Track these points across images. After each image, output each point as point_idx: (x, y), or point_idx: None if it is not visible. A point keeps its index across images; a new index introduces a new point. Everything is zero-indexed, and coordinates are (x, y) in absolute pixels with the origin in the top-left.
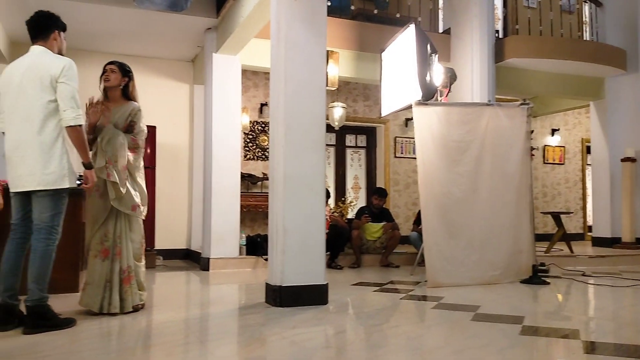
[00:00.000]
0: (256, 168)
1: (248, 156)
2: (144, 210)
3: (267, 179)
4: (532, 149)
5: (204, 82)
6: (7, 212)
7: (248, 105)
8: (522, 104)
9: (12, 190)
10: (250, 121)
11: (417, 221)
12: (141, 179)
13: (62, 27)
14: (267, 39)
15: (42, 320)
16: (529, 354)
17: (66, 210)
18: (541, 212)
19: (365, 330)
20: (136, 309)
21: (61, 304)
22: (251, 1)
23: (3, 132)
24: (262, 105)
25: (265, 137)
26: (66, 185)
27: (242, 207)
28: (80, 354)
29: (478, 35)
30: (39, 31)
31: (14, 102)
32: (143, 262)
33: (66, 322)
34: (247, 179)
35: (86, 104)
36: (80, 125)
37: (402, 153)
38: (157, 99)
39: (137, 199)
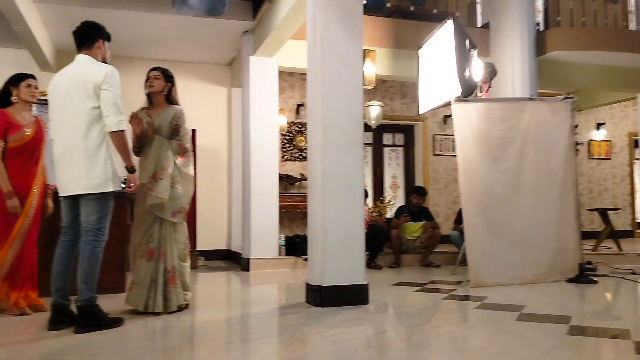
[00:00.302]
0: (294, 169)
1: (285, 157)
2: (185, 214)
3: (304, 179)
4: (577, 144)
5: (241, 85)
6: (57, 216)
7: (285, 107)
8: (565, 98)
9: (60, 194)
10: (287, 122)
11: (458, 220)
12: (189, 183)
13: (106, 37)
14: (303, 40)
15: (92, 319)
16: (577, 355)
17: (112, 213)
18: (587, 209)
19: (407, 330)
20: (180, 309)
21: (109, 304)
22: (287, 3)
23: (52, 139)
24: (299, 106)
25: (302, 138)
26: (110, 189)
27: (280, 207)
28: (129, 352)
29: (518, 29)
30: (83, 40)
31: (61, 110)
32: (188, 263)
33: (114, 322)
34: (285, 180)
35: (129, 119)
36: (122, 131)
37: (441, 151)
38: (196, 103)
39: (180, 204)
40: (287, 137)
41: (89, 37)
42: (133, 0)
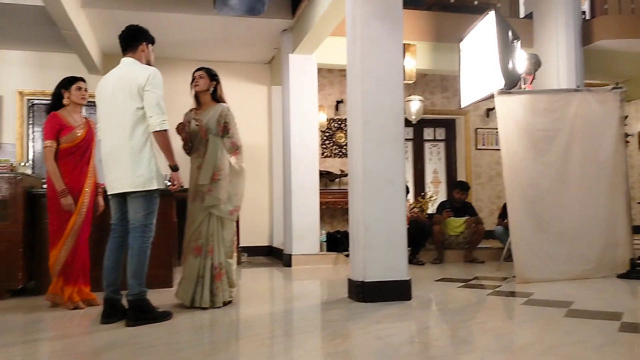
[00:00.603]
0: (334, 165)
1: (325, 154)
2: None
3: (345, 175)
4: (627, 135)
5: (281, 83)
6: (107, 214)
7: (324, 103)
8: (614, 88)
9: (108, 192)
10: (327, 119)
11: (503, 215)
12: (242, 180)
13: (150, 40)
14: (342, 36)
15: (142, 313)
16: (630, 352)
17: (159, 210)
18: (639, 203)
19: (451, 326)
20: (225, 305)
21: (158, 298)
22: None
23: (100, 140)
24: (338, 102)
25: (342, 134)
26: (154, 186)
27: (321, 204)
28: (178, 345)
29: (563, 18)
30: (128, 44)
31: (108, 111)
32: (234, 260)
33: (164, 315)
34: (325, 176)
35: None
36: (165, 130)
37: (483, 145)
38: (237, 102)
39: (236, 203)
40: (327, 134)
41: (133, 40)
42: (176, 2)
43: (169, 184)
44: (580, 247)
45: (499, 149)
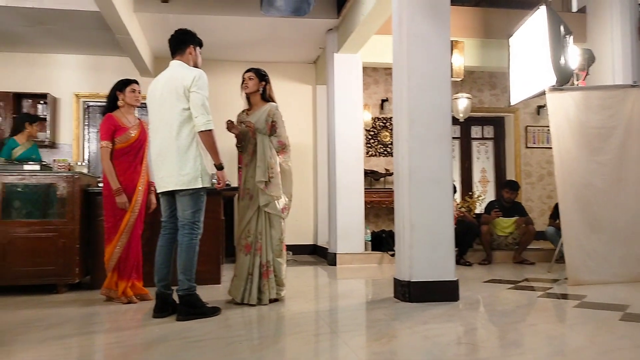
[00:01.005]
0: (378, 164)
1: (370, 153)
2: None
3: (389, 174)
4: None
5: (325, 82)
6: (159, 211)
7: (369, 102)
8: None
9: (157, 190)
10: (372, 118)
11: (554, 215)
12: (290, 179)
13: (198, 43)
14: (387, 34)
15: (192, 308)
16: None
17: (207, 209)
18: None
19: (500, 328)
20: (272, 302)
21: (207, 294)
22: None
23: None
24: (383, 101)
25: (387, 133)
26: (199, 185)
27: (365, 203)
28: (227, 339)
29: (618, 11)
30: (176, 47)
31: (157, 112)
32: (283, 259)
33: (213, 311)
34: (370, 175)
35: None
36: (210, 130)
37: (534, 143)
38: (282, 102)
39: (286, 200)
40: (372, 133)
41: (181, 43)
42: (224, 5)
43: (214, 182)
44: (635, 248)
45: (551, 148)
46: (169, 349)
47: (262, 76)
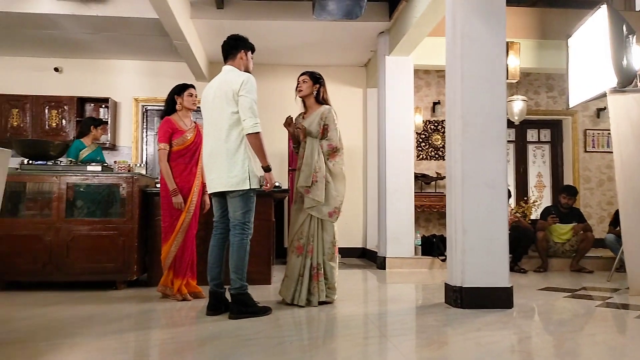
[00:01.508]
0: (429, 168)
1: (421, 156)
2: (339, 212)
3: (440, 178)
4: None
5: (376, 85)
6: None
7: (420, 105)
8: None
9: (208, 191)
10: (423, 120)
11: (614, 222)
12: (342, 182)
13: (249, 48)
14: (440, 36)
15: (244, 307)
16: None
17: (258, 210)
18: None
19: (556, 337)
20: (321, 305)
21: (258, 294)
22: (424, 0)
23: None
24: (435, 104)
25: (439, 136)
26: (247, 187)
27: (416, 207)
28: (278, 339)
29: None
30: (228, 52)
31: (210, 116)
32: (335, 263)
33: (264, 310)
34: (421, 179)
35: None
36: (257, 133)
37: (593, 147)
38: (334, 105)
39: (335, 205)
40: (423, 136)
41: (232, 48)
42: (277, 10)
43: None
44: None
45: (611, 152)
46: (221, 346)
47: (316, 79)
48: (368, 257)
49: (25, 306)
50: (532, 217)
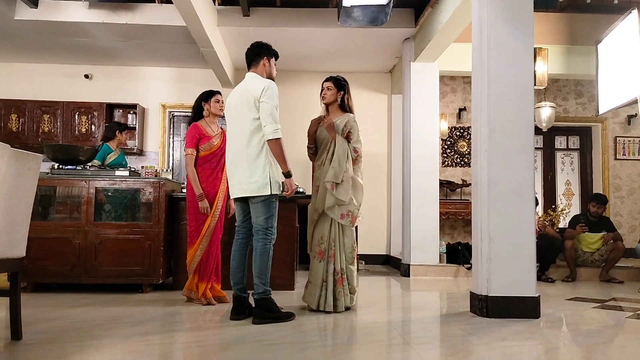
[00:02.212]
0: (455, 174)
1: (446, 163)
2: (353, 218)
3: (466, 185)
4: None
5: (401, 92)
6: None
7: (446, 111)
8: None
9: (230, 197)
10: (448, 127)
11: None
12: (358, 190)
13: (273, 54)
14: (466, 42)
15: (268, 312)
16: None
17: (282, 215)
18: None
19: (585, 348)
20: (347, 309)
21: (281, 299)
22: (450, 6)
23: None
24: (460, 110)
25: (464, 143)
26: (268, 192)
27: (441, 214)
28: (301, 344)
29: None
30: (251, 59)
31: (232, 122)
32: (355, 267)
33: (287, 316)
34: (446, 186)
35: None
36: (278, 139)
37: (624, 155)
38: (358, 111)
39: (348, 208)
40: (448, 143)
41: (255, 55)
42: (302, 17)
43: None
44: None
45: None
46: (244, 351)
47: (341, 85)
48: (392, 264)
49: (54, 308)
50: (560, 225)
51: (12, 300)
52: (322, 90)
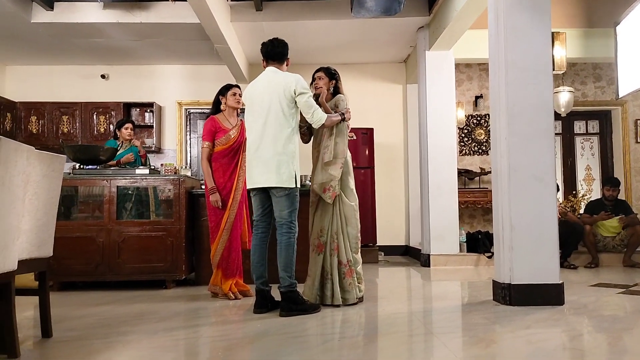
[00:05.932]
0: (473, 163)
1: (464, 151)
2: (333, 193)
3: (484, 173)
4: None
5: (417, 81)
6: None
7: (462, 99)
8: None
9: (249, 187)
10: (465, 115)
11: None
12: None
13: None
14: (481, 28)
15: (294, 304)
16: None
17: (302, 209)
18: None
19: (610, 334)
20: (360, 301)
21: (302, 292)
22: None
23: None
24: (477, 97)
25: (482, 131)
26: (293, 185)
27: (459, 203)
28: (325, 336)
29: None
30: (276, 54)
31: (257, 113)
32: (359, 255)
33: (313, 307)
34: (464, 175)
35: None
36: (326, 118)
37: None
38: (373, 102)
39: (331, 183)
40: (466, 131)
41: (282, 54)
42: (315, 10)
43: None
44: None
45: None
46: (270, 344)
47: (331, 75)
48: (411, 255)
49: (80, 306)
50: (581, 211)
51: (42, 299)
52: (313, 80)
